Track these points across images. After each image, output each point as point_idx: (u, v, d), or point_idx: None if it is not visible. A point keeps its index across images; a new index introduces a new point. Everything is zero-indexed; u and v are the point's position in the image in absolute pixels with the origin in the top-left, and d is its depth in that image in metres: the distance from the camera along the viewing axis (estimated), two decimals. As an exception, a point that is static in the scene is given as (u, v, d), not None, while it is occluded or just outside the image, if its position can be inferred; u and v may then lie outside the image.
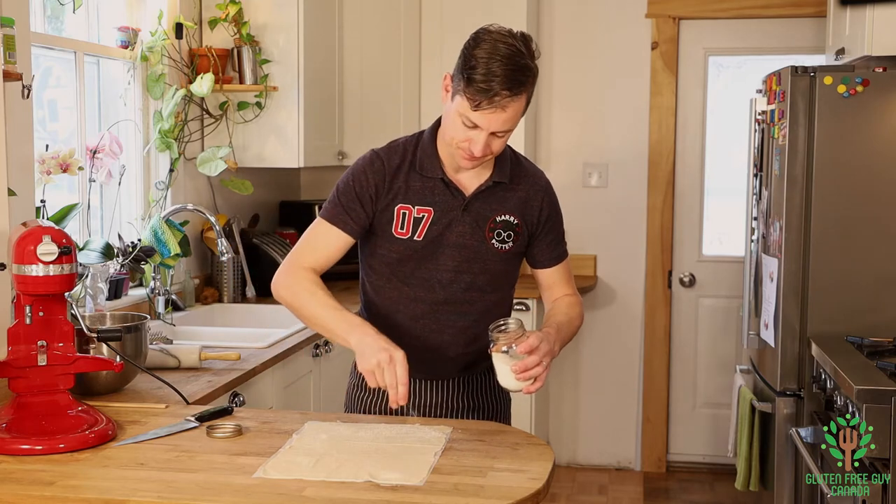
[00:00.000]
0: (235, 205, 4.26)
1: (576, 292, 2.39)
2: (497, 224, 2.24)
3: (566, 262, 2.38)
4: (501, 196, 2.25)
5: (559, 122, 4.97)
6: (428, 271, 2.24)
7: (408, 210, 2.21)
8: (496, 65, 2.01)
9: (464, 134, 2.09)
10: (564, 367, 5.03)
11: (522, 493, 1.72)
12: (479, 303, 2.27)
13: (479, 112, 2.04)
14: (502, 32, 2.06)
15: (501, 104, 2.03)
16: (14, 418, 2.03)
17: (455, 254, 2.23)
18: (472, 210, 2.23)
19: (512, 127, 2.10)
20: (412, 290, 2.25)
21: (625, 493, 4.74)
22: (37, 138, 2.79)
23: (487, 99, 2.02)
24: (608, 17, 4.88)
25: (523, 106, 2.09)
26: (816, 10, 4.55)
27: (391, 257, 2.24)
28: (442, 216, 2.22)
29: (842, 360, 2.96)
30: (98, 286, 3.08)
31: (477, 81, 2.02)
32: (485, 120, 2.06)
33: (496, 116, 2.05)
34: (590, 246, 4.99)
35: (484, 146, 2.09)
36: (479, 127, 2.07)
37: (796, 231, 3.40)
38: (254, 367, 2.83)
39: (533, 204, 2.28)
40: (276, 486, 1.75)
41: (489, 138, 2.09)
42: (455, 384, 2.33)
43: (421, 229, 2.21)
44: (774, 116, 3.53)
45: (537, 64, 2.09)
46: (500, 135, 2.10)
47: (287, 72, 3.94)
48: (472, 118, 2.06)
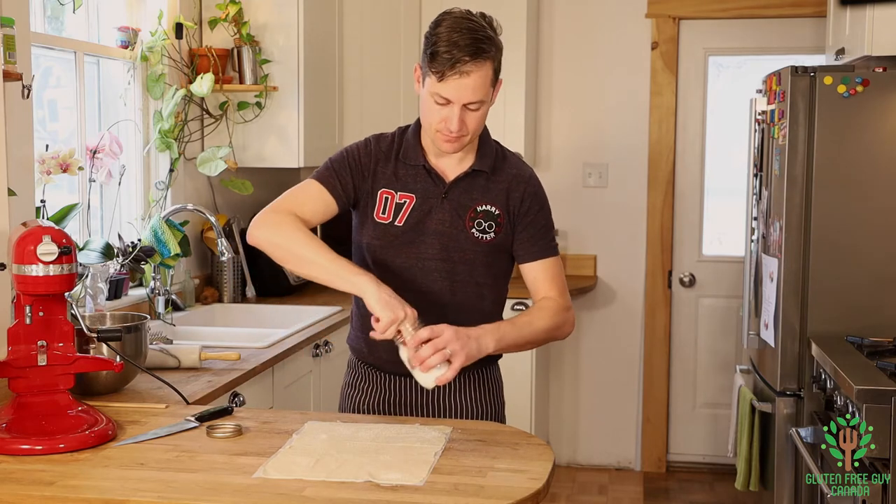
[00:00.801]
0: (235, 205, 4.26)
1: (561, 296, 2.28)
2: (478, 213, 2.24)
3: (553, 262, 2.29)
4: (484, 186, 2.25)
5: (559, 122, 4.97)
6: (409, 259, 2.24)
7: (390, 195, 2.25)
8: (457, 35, 2.08)
9: (438, 114, 2.13)
10: (564, 367, 5.04)
11: (522, 493, 1.72)
12: (460, 294, 2.25)
13: (445, 82, 2.09)
14: (462, 12, 2.14)
15: (465, 70, 2.07)
16: (14, 418, 2.03)
17: (435, 241, 2.22)
18: (452, 198, 2.24)
19: (483, 98, 2.12)
20: (394, 278, 2.23)
21: (625, 493, 4.74)
22: (37, 138, 2.79)
23: (450, 66, 2.07)
24: (608, 17, 4.89)
25: (490, 75, 2.12)
26: (816, 10, 4.55)
27: (374, 244, 2.26)
28: (423, 203, 2.23)
29: (842, 360, 2.96)
30: (98, 286, 3.08)
31: (440, 53, 2.08)
32: (452, 90, 2.09)
33: (462, 83, 2.08)
34: (590, 246, 4.99)
35: (459, 121, 2.12)
36: (450, 101, 2.11)
37: (796, 231, 3.40)
38: (254, 367, 2.83)
39: (514, 195, 2.26)
40: (276, 486, 1.75)
41: (463, 112, 2.12)
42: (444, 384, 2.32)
43: (402, 215, 2.23)
44: (774, 116, 3.53)
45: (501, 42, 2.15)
46: (472, 107, 2.13)
47: (287, 72, 3.94)
48: (440, 92, 2.10)
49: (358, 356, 2.40)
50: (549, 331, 2.25)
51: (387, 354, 2.25)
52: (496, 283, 2.33)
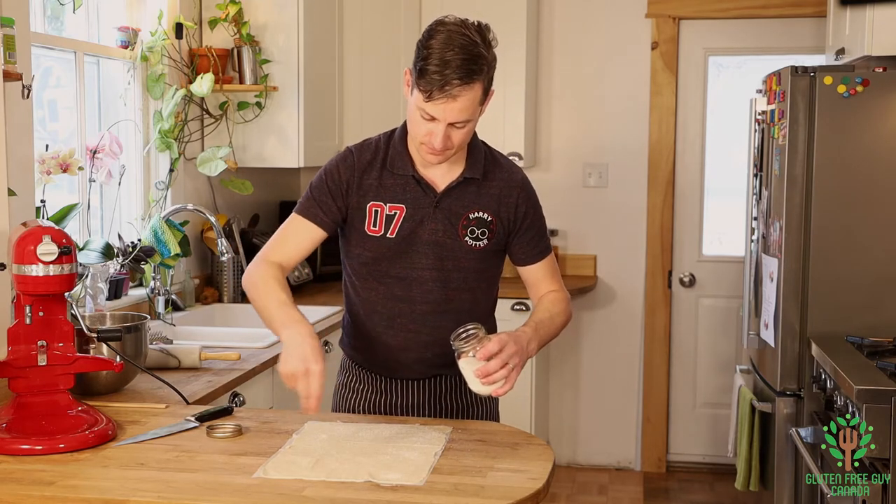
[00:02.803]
0: (235, 205, 4.26)
1: (562, 287, 2.35)
2: (470, 221, 2.22)
3: (550, 258, 2.34)
4: (475, 192, 2.23)
5: (559, 122, 4.97)
6: (403, 269, 2.23)
7: (380, 207, 2.21)
8: (450, 54, 2.00)
9: (424, 128, 2.09)
10: (564, 367, 5.04)
11: (522, 493, 1.72)
12: (456, 301, 2.25)
13: (433, 103, 2.04)
14: (457, 23, 2.05)
15: (453, 94, 2.02)
16: (14, 418, 2.04)
17: (429, 251, 2.21)
18: (443, 207, 2.22)
19: (470, 117, 2.08)
20: (388, 288, 2.24)
21: (625, 493, 4.74)
22: (37, 138, 2.79)
23: (439, 88, 2.01)
24: (608, 17, 4.88)
25: (479, 95, 2.07)
26: (816, 10, 4.55)
27: (366, 256, 2.24)
28: (414, 213, 2.21)
29: (842, 360, 2.96)
30: (98, 286, 3.08)
31: (430, 72, 2.01)
32: (439, 111, 2.05)
33: (449, 106, 2.04)
34: (590, 246, 4.99)
35: (444, 139, 2.08)
36: (437, 119, 2.06)
37: (796, 231, 3.40)
38: (254, 367, 2.83)
39: (508, 200, 2.25)
40: (276, 486, 1.75)
41: (448, 130, 2.08)
42: (431, 384, 2.32)
43: (393, 226, 2.21)
44: (774, 116, 3.53)
45: (495, 53, 2.09)
46: (458, 126, 2.08)
47: (287, 72, 3.94)
48: (427, 110, 2.06)
49: (351, 359, 2.41)
50: (565, 323, 2.31)
51: (388, 365, 2.28)
52: (489, 287, 2.34)
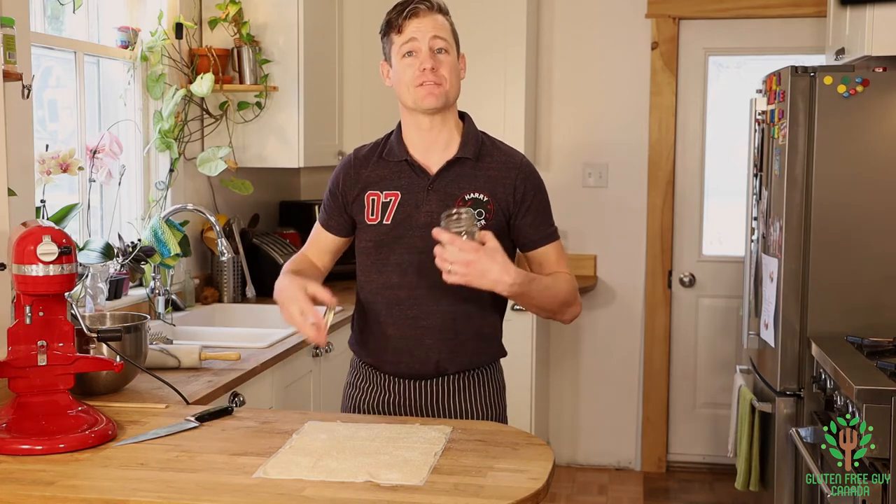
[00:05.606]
0: (235, 205, 4.26)
1: (571, 274, 2.32)
2: (466, 202, 2.23)
3: (557, 244, 2.32)
4: (470, 174, 2.25)
5: (559, 122, 4.97)
6: (401, 255, 2.25)
7: (376, 196, 2.27)
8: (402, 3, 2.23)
9: (411, 68, 2.20)
10: (564, 367, 5.03)
11: (522, 493, 1.72)
12: (455, 286, 2.21)
13: (405, 30, 2.20)
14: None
15: (419, 13, 2.19)
16: (14, 418, 2.04)
17: (425, 234, 2.19)
18: (438, 189, 2.24)
19: (447, 38, 2.21)
20: (388, 276, 2.26)
21: (625, 493, 4.74)
22: (37, 138, 2.79)
23: (405, 16, 2.19)
24: (608, 17, 4.88)
25: (448, 26, 2.23)
26: (816, 10, 4.55)
27: (368, 246, 2.29)
28: (409, 198, 2.24)
29: (842, 360, 2.96)
30: (98, 286, 3.08)
31: (392, 17, 2.22)
32: (414, 29, 2.19)
33: (422, 22, 2.20)
34: (590, 246, 4.99)
35: (430, 58, 2.18)
36: (416, 40, 2.19)
37: (796, 231, 3.40)
38: (254, 367, 2.83)
39: (505, 182, 2.25)
40: (276, 486, 1.75)
41: (432, 55, 2.19)
42: (438, 384, 2.31)
43: (389, 212, 2.25)
44: (774, 116, 3.53)
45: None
46: (439, 47, 2.20)
47: (287, 72, 3.94)
48: (404, 40, 2.20)
49: (358, 356, 2.41)
50: (564, 303, 2.26)
51: (388, 357, 2.27)
52: None
